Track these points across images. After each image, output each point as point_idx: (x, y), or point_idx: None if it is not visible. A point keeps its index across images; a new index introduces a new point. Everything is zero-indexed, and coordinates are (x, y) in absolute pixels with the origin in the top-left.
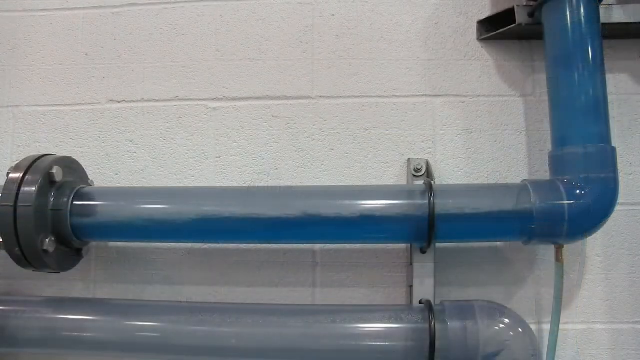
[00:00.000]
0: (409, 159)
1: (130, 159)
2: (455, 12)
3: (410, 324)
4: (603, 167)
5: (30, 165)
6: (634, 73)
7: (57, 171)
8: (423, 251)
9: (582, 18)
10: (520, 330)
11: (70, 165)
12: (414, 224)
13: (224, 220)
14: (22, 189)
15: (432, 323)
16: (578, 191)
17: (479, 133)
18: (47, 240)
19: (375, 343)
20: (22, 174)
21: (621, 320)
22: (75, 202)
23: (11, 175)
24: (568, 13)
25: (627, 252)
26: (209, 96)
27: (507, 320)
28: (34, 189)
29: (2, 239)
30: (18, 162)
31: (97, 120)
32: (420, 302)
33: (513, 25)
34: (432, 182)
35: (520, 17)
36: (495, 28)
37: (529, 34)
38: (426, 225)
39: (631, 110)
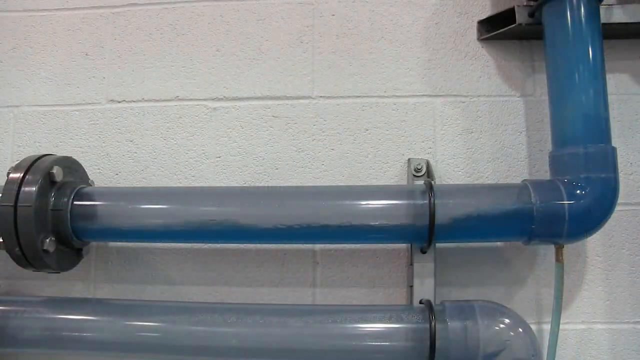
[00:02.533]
0: (409, 159)
1: (130, 159)
2: (455, 12)
3: (411, 324)
4: (603, 167)
5: (30, 165)
6: (634, 73)
7: (57, 171)
8: (423, 251)
9: (582, 18)
10: (520, 330)
11: (71, 165)
12: (414, 224)
13: (224, 221)
14: (23, 189)
15: (433, 323)
16: (578, 191)
17: (479, 133)
18: (48, 240)
19: (376, 343)
20: (22, 174)
21: (621, 320)
22: (75, 202)
23: (11, 175)
24: (568, 13)
25: (627, 252)
26: (209, 96)
27: (507, 320)
28: (34, 189)
29: (2, 239)
30: (18, 162)
31: (97, 120)
32: (420, 302)
33: (513, 25)
34: (433, 182)
35: (521, 17)
36: (495, 28)
37: (529, 34)
38: (426, 225)
39: (631, 110)
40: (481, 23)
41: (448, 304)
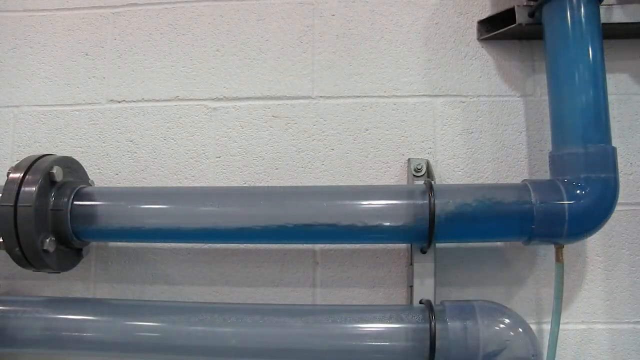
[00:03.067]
0: (409, 159)
1: (130, 159)
2: (455, 12)
3: (411, 324)
4: (603, 167)
5: (30, 165)
6: (634, 73)
7: (57, 171)
8: (423, 251)
9: (582, 18)
10: (520, 330)
11: (71, 165)
12: (414, 224)
13: (224, 221)
14: (23, 189)
15: (433, 323)
16: (578, 191)
17: (479, 133)
18: (47, 240)
19: (376, 343)
20: (22, 174)
21: (621, 320)
22: (75, 202)
23: (11, 175)
24: (568, 13)
25: (627, 252)
26: (209, 96)
27: (507, 320)
28: (34, 189)
29: (2, 239)
30: (18, 162)
31: (97, 120)
32: (420, 302)
33: (513, 25)
34: (433, 182)
35: (521, 17)
36: (495, 28)
37: (529, 34)
38: (426, 225)
39: (631, 110)
40: (481, 23)
41: (448, 304)
